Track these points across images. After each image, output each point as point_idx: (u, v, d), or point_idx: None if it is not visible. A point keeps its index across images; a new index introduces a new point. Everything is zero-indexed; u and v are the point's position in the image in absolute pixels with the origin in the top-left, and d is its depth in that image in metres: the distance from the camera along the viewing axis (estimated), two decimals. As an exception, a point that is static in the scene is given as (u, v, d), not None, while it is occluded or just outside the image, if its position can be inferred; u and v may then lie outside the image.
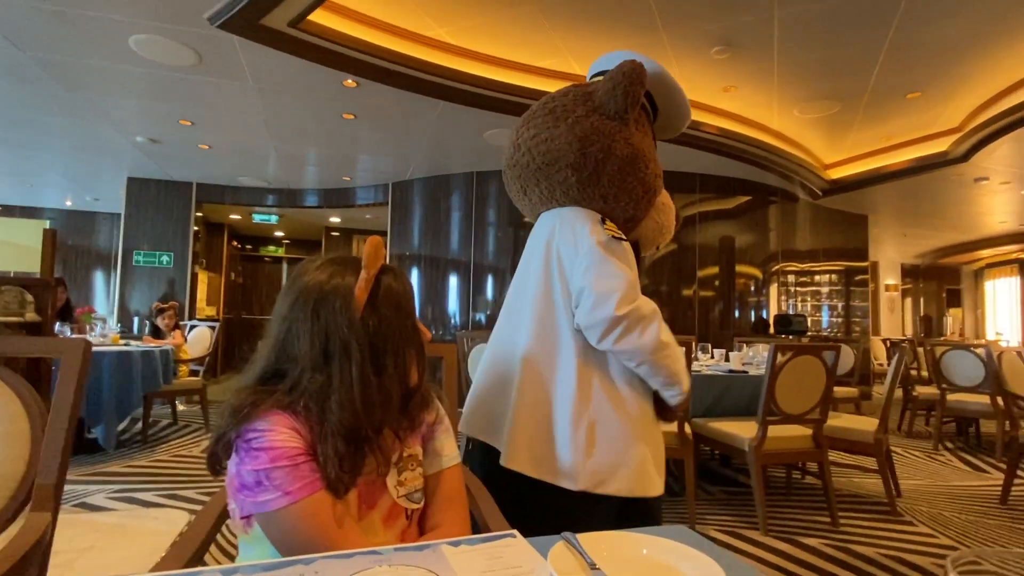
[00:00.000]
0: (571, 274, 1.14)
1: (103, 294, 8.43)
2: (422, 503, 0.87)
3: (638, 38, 3.52)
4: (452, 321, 5.79)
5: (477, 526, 0.99)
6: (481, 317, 5.69)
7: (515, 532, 0.67)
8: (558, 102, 1.26)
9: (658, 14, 3.25)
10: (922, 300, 11.92)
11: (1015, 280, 10.77)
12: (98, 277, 8.46)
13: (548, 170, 1.21)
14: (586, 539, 0.64)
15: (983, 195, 6.45)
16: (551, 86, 3.99)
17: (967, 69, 3.87)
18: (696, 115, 4.55)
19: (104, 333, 4.22)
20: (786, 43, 3.53)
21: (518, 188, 1.32)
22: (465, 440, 1.28)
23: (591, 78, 1.44)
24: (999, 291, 11.35)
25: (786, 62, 3.80)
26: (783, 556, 2.27)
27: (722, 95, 4.39)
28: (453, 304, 5.81)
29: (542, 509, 1.09)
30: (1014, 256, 10.45)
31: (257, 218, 7.84)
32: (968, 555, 0.38)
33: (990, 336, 10.75)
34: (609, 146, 1.18)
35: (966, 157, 4.98)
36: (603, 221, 1.18)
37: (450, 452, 0.92)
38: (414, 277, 5.97)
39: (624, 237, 1.18)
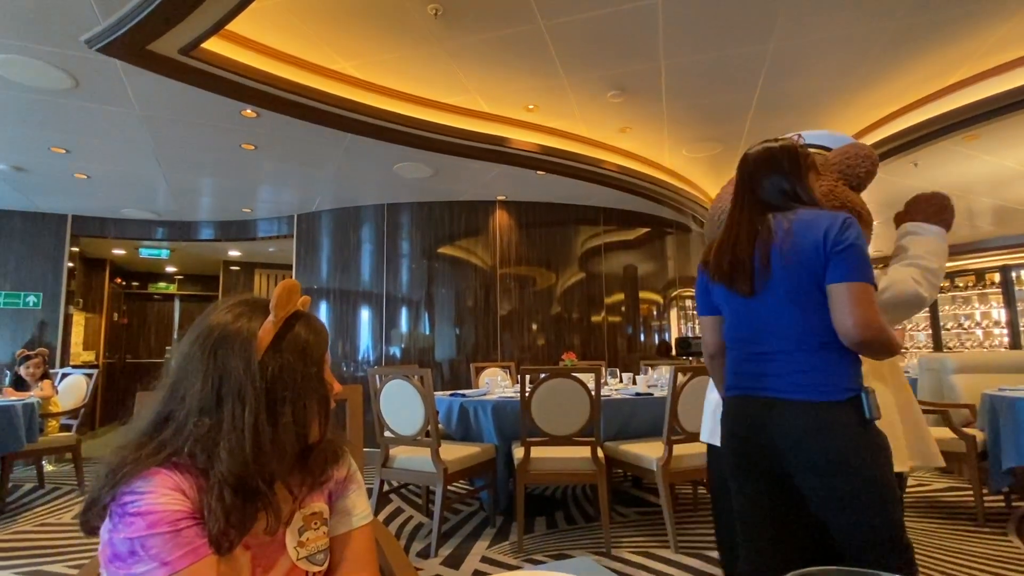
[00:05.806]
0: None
1: (-51, 342, 7.30)
2: (325, 565, 0.83)
3: (541, 80, 3.71)
4: (364, 356, 5.60)
5: None
6: (395, 351, 5.56)
7: (422, 582, 0.66)
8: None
9: (559, 61, 3.45)
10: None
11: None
12: (-57, 322, 7.33)
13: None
14: (493, 582, 0.65)
15: (844, 225, 7.34)
16: (462, 122, 4.09)
17: (824, 117, 4.44)
18: (598, 153, 4.83)
19: (-51, 388, 3.65)
20: (672, 90, 3.87)
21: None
22: None
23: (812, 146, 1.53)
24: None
25: (673, 107, 4.16)
26: (693, 572, 2.38)
27: (619, 135, 4.70)
28: (365, 339, 5.63)
29: None
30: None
31: (144, 252, 7.22)
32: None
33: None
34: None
35: (828, 192, 5.66)
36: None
37: (362, 511, 0.88)
38: (323, 312, 5.73)
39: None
